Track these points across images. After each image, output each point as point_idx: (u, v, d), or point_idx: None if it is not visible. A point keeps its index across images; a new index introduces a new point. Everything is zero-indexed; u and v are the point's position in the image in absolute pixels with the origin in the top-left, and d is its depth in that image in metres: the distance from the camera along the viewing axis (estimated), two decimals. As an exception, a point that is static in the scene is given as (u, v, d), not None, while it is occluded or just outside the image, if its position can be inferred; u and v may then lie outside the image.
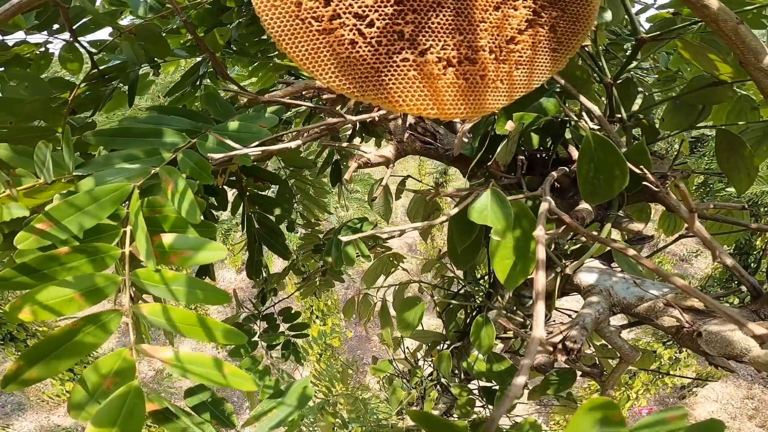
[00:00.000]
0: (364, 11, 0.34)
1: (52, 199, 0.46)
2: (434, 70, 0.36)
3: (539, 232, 0.45)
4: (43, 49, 0.69)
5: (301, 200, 0.84)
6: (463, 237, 0.53)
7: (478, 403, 0.70)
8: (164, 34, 0.67)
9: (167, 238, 0.40)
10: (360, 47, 0.34)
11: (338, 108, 0.62)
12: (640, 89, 0.60)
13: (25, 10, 0.42)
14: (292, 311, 0.83)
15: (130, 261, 0.39)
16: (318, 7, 0.34)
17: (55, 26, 0.67)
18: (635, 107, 0.58)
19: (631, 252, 0.42)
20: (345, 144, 0.62)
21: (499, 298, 0.70)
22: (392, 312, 0.75)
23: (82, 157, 0.56)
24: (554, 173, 0.54)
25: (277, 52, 0.88)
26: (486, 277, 0.74)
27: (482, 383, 0.69)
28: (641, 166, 0.51)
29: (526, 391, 0.64)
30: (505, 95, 0.40)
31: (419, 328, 0.69)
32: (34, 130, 0.57)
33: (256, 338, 0.78)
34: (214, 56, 0.55)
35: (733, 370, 0.50)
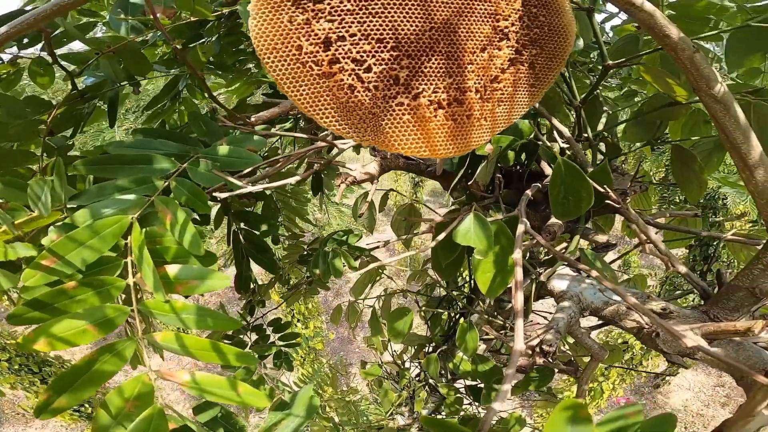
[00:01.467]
0: (362, 56, 0.36)
1: (46, 228, 0.46)
2: (426, 113, 0.39)
3: (517, 255, 0.49)
4: (12, 63, 0.67)
5: (283, 213, 0.85)
6: (448, 254, 0.57)
7: (465, 401, 0.75)
8: (141, 49, 0.66)
9: (172, 270, 0.41)
10: (358, 92, 0.37)
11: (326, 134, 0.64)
12: (605, 108, 0.65)
13: (14, 38, 0.41)
14: (282, 321, 0.85)
15: (135, 291, 0.40)
16: (318, 52, 0.35)
17: (25, 40, 0.65)
18: (600, 126, 0.63)
19: (594, 273, 0.47)
20: (332, 161, 0.64)
21: (480, 303, 0.74)
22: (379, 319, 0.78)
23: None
24: (528, 192, 0.58)
25: (254, 63, 0.88)
26: (467, 284, 0.78)
27: (468, 382, 0.73)
28: (604, 186, 0.56)
29: (509, 386, 0.69)
30: (488, 131, 0.43)
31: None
32: (11, 154, 0.56)
33: (248, 349, 0.79)
34: (202, 79, 0.55)
35: (686, 366, 0.56)
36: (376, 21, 0.35)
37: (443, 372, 0.79)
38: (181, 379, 0.37)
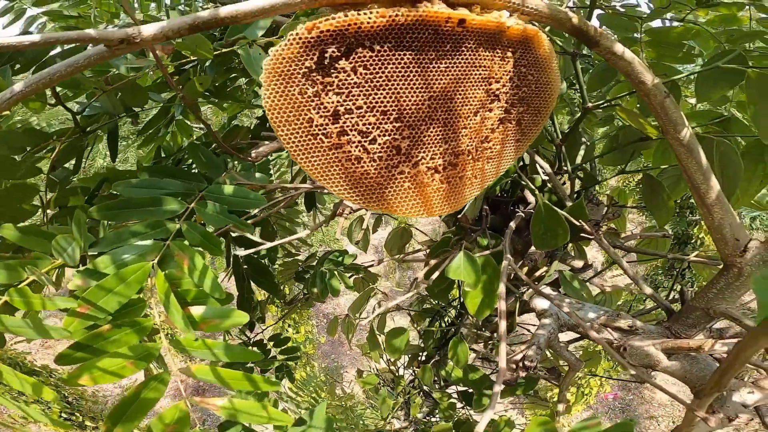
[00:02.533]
0: (367, 128, 0.39)
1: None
2: (425, 179, 0.42)
3: (501, 288, 0.54)
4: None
5: (279, 235, 0.88)
6: (440, 282, 0.61)
7: (457, 405, 0.81)
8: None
9: (196, 311, 0.46)
10: (365, 163, 0.40)
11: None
12: (583, 138, 0.69)
13: (28, 98, 0.43)
14: (282, 336, 0.89)
15: (163, 329, 0.45)
16: (327, 124, 0.39)
17: (17, 66, 0.66)
18: (579, 159, 0.68)
19: (565, 309, 0.52)
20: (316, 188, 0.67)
21: (469, 317, 0.80)
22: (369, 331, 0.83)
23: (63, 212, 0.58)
24: (512, 224, 0.63)
25: (245, 80, 0.90)
26: (456, 300, 0.83)
27: (460, 388, 0.79)
28: (579, 220, 0.61)
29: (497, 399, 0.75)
30: (478, 187, 0.47)
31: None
32: (15, 190, 0.58)
33: (250, 364, 0.84)
34: (199, 116, 0.57)
35: (646, 380, 0.63)
36: (381, 93, 0.39)
37: (436, 379, 0.85)
38: (216, 404, 0.42)
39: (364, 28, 0.36)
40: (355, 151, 0.40)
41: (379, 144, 0.40)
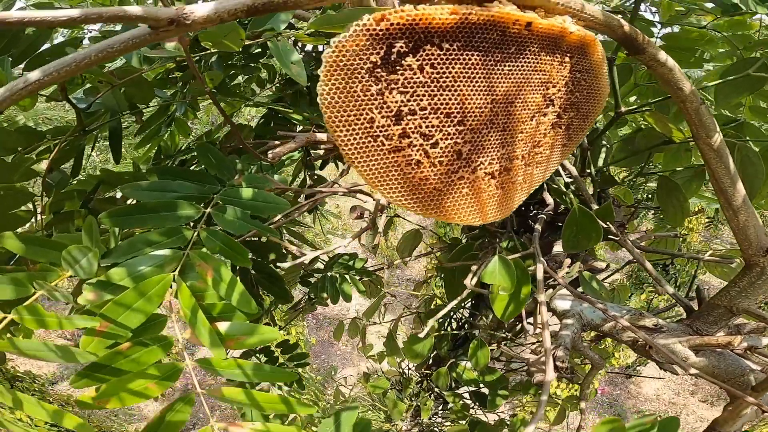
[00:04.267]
0: (430, 131, 0.37)
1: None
2: (482, 185, 0.40)
3: (541, 298, 0.53)
4: None
5: (286, 239, 0.84)
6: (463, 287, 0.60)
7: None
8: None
9: (223, 326, 0.42)
10: (424, 167, 0.37)
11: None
12: (604, 142, 0.69)
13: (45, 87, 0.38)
14: (289, 342, 0.85)
15: (185, 347, 0.41)
16: (390, 125, 0.35)
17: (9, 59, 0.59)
18: (600, 162, 0.68)
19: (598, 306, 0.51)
20: (341, 191, 0.64)
21: (483, 318, 0.78)
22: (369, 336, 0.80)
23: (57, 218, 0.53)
24: (537, 226, 0.62)
25: (244, 78, 0.85)
26: (470, 301, 0.82)
27: (472, 389, 0.79)
28: (607, 222, 0.61)
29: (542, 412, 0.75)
30: (526, 192, 0.46)
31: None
32: (8, 196, 0.52)
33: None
34: (221, 108, 0.53)
35: (677, 373, 0.63)
36: (447, 94, 0.36)
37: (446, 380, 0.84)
38: (247, 429, 0.39)
39: (434, 25, 0.33)
40: (416, 155, 0.37)
41: (441, 148, 0.37)
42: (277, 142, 0.66)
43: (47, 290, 0.39)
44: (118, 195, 0.69)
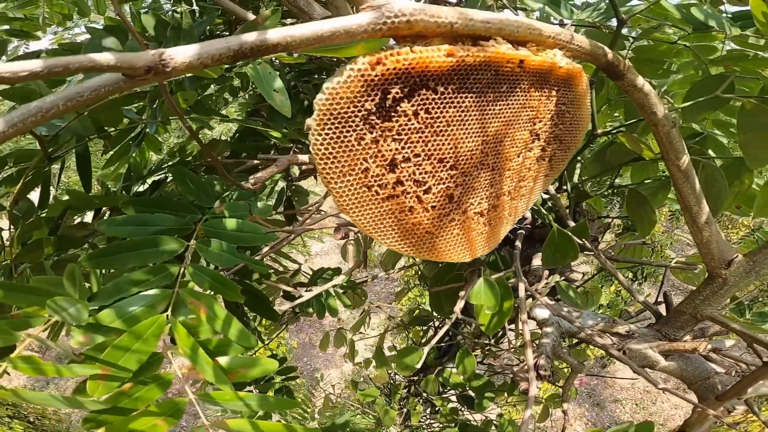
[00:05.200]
0: (423, 178, 0.37)
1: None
2: (472, 224, 0.41)
3: (524, 317, 0.55)
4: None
5: (269, 256, 0.82)
6: (451, 303, 0.61)
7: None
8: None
9: (224, 360, 0.42)
10: (417, 213, 0.37)
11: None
12: (579, 158, 0.72)
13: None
14: (278, 357, 0.84)
15: (185, 382, 0.42)
16: (384, 174, 0.35)
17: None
18: (575, 178, 0.70)
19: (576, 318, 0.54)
20: (329, 216, 0.63)
21: (468, 326, 0.81)
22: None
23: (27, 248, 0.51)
24: (518, 243, 0.63)
25: (215, 88, 0.82)
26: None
27: (460, 392, 0.81)
28: (582, 239, 0.63)
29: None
30: (511, 224, 0.47)
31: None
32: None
33: (250, 388, 0.78)
34: (195, 135, 0.51)
35: (651, 380, 0.67)
36: (440, 140, 0.36)
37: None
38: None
39: (431, 68, 0.33)
40: (409, 201, 0.37)
41: (434, 193, 0.37)
42: (256, 162, 0.65)
43: (35, 338, 0.38)
44: (88, 218, 0.66)
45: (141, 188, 0.75)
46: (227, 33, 0.76)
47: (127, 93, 0.65)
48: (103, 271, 0.51)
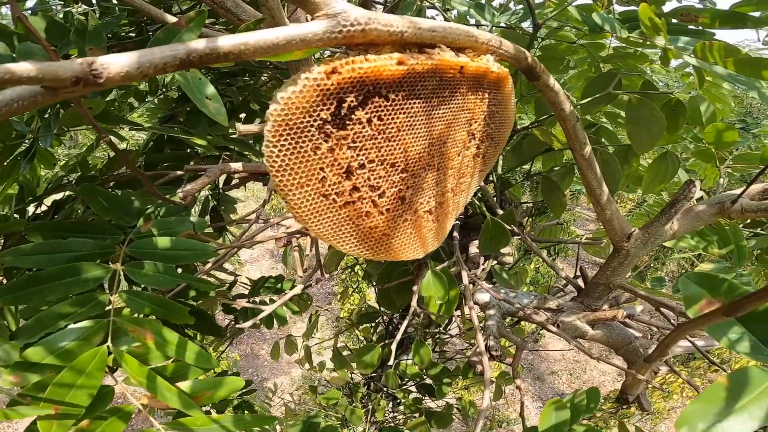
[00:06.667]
0: (377, 182, 0.37)
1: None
2: (422, 222, 0.42)
3: (470, 303, 0.58)
4: None
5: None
6: (403, 297, 0.63)
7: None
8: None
9: (186, 385, 0.41)
10: (374, 217, 0.38)
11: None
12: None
13: None
14: (230, 373, 0.78)
15: (149, 412, 0.39)
16: (341, 182, 0.35)
17: None
18: (499, 169, 0.75)
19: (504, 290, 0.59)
20: (276, 222, 0.61)
21: (416, 318, 0.83)
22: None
23: None
24: (456, 234, 0.67)
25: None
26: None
27: (418, 382, 0.83)
28: (511, 225, 0.68)
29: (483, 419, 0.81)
30: (454, 217, 0.49)
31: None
32: None
33: (206, 409, 0.72)
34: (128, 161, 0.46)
35: (585, 350, 0.75)
36: (392, 145, 0.37)
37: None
38: None
39: (384, 76, 0.33)
40: (365, 207, 0.37)
41: (388, 197, 0.38)
42: (180, 173, 0.61)
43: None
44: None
45: (38, 209, 0.66)
46: (133, 35, 0.69)
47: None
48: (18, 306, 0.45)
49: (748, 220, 0.90)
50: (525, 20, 0.71)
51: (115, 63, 0.26)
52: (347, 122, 0.33)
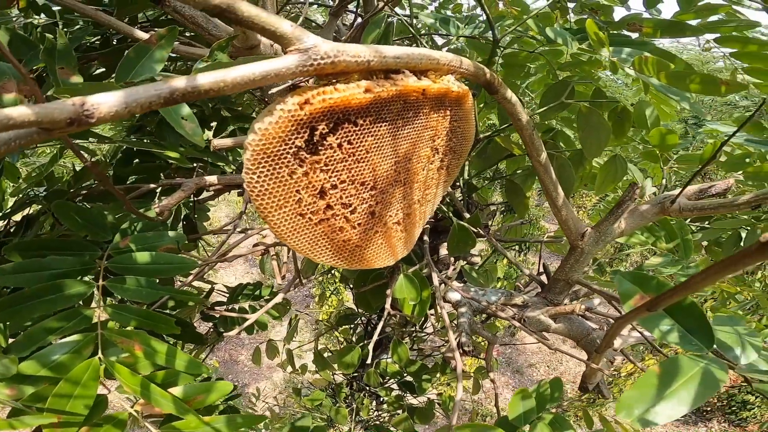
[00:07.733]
0: (349, 200, 0.40)
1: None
2: (392, 232, 0.46)
3: (441, 303, 0.62)
4: None
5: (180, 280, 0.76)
6: (378, 299, 0.66)
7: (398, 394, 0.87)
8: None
9: (177, 391, 0.43)
10: (347, 231, 0.41)
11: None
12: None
13: None
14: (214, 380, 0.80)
15: (143, 416, 0.42)
16: (315, 202, 0.38)
17: None
18: (465, 174, 0.79)
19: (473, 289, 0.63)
20: (255, 232, 0.63)
21: (393, 318, 0.86)
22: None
23: None
24: (426, 237, 0.71)
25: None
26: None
27: (399, 380, 0.87)
28: (477, 228, 0.73)
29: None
30: (422, 226, 0.53)
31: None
32: None
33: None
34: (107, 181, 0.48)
35: (546, 342, 0.80)
36: (361, 166, 0.40)
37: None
38: None
39: (353, 104, 0.36)
40: (339, 222, 0.40)
41: (359, 213, 0.41)
42: (152, 186, 0.62)
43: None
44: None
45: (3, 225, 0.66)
46: (97, 48, 0.69)
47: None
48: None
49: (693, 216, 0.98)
50: (488, 32, 0.75)
51: (104, 103, 0.28)
52: (320, 147, 0.36)
